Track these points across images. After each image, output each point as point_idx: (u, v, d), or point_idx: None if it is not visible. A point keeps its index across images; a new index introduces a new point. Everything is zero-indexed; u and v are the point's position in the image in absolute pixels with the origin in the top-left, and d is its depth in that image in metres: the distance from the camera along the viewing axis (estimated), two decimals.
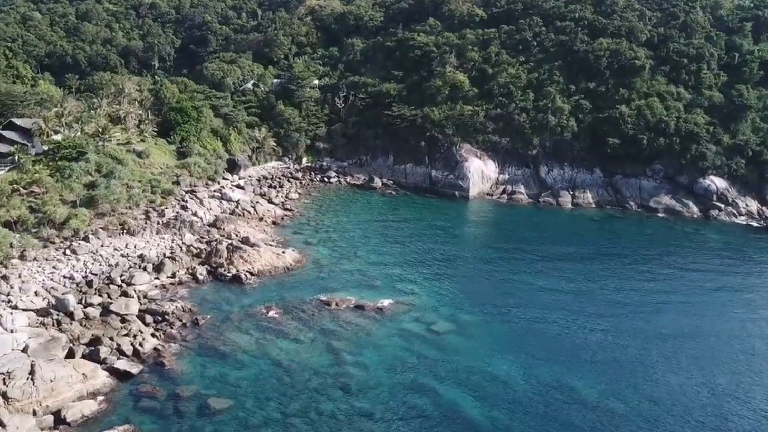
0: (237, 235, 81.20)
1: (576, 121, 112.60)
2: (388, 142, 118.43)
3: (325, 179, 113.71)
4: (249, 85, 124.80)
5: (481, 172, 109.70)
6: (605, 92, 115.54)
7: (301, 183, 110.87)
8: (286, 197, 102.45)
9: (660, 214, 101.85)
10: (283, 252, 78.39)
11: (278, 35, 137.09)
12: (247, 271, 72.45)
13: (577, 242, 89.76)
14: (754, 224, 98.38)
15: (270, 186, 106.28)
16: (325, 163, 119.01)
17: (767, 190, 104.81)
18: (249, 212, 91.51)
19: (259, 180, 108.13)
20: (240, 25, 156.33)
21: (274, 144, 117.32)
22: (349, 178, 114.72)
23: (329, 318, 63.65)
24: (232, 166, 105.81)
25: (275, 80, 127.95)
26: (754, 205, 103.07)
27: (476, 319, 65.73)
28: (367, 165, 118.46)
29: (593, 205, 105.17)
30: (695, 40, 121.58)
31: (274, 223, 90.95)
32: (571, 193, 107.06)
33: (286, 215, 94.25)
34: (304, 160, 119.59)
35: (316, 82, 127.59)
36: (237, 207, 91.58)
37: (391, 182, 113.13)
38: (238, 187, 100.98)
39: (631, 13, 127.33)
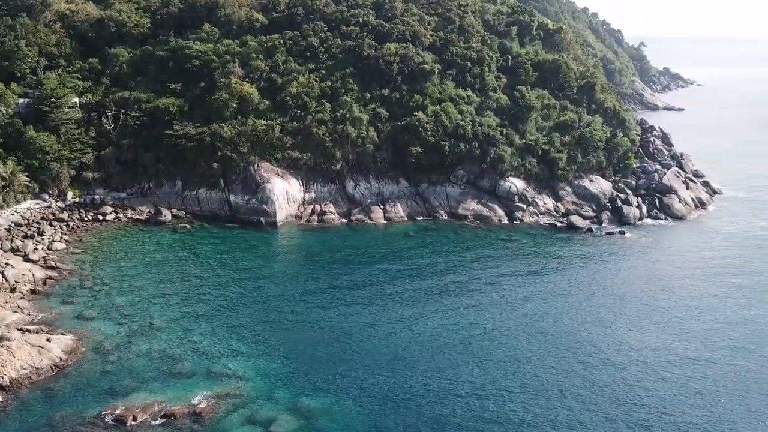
0: None
1: (376, 131, 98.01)
2: (173, 166, 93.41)
3: (100, 217, 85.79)
4: None
5: (286, 192, 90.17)
6: (400, 99, 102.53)
7: (68, 226, 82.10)
8: (48, 249, 74.02)
9: (470, 222, 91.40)
10: (49, 340, 52.67)
11: (20, 45, 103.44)
12: None
13: (399, 265, 75.44)
14: (557, 224, 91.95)
15: (26, 236, 76.56)
16: (97, 197, 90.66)
17: (558, 187, 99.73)
18: None
19: (9, 229, 77.54)
20: None
21: (27, 179, 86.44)
22: (130, 213, 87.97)
23: None
24: None
25: (21, 100, 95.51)
26: (550, 203, 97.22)
27: (324, 401, 47.44)
28: (151, 194, 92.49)
29: (405, 218, 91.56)
30: (474, 43, 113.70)
31: (33, 291, 63.37)
32: (382, 207, 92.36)
33: (50, 277, 66.69)
34: (70, 195, 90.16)
35: (76, 100, 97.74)
36: None
37: (183, 213, 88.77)
38: None
39: (411, 17, 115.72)
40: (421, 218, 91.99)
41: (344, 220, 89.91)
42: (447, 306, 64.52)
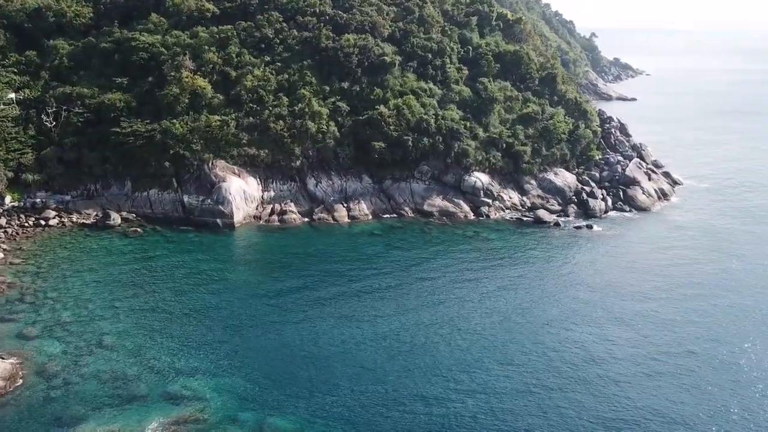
0: None
1: (336, 126, 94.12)
2: (122, 166, 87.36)
3: (42, 222, 79.71)
4: None
5: (243, 192, 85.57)
6: (360, 92, 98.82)
7: (6, 233, 75.88)
8: None
9: (436, 219, 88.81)
10: None
11: None
12: None
13: (367, 267, 72.24)
14: (524, 218, 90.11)
15: None
16: (38, 200, 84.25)
17: (523, 181, 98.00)
18: None
19: None
20: None
21: None
22: (75, 217, 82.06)
23: None
24: None
25: None
26: (516, 197, 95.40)
27: (295, 422, 43.98)
28: (99, 196, 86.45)
29: (370, 216, 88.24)
30: (434, 34, 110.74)
31: None
32: (345, 205, 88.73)
33: None
34: (8, 199, 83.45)
35: (13, 96, 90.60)
36: None
37: (133, 216, 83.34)
38: None
39: (369, 7, 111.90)
40: (387, 216, 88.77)
41: (306, 220, 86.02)
42: (421, 307, 61.63)
